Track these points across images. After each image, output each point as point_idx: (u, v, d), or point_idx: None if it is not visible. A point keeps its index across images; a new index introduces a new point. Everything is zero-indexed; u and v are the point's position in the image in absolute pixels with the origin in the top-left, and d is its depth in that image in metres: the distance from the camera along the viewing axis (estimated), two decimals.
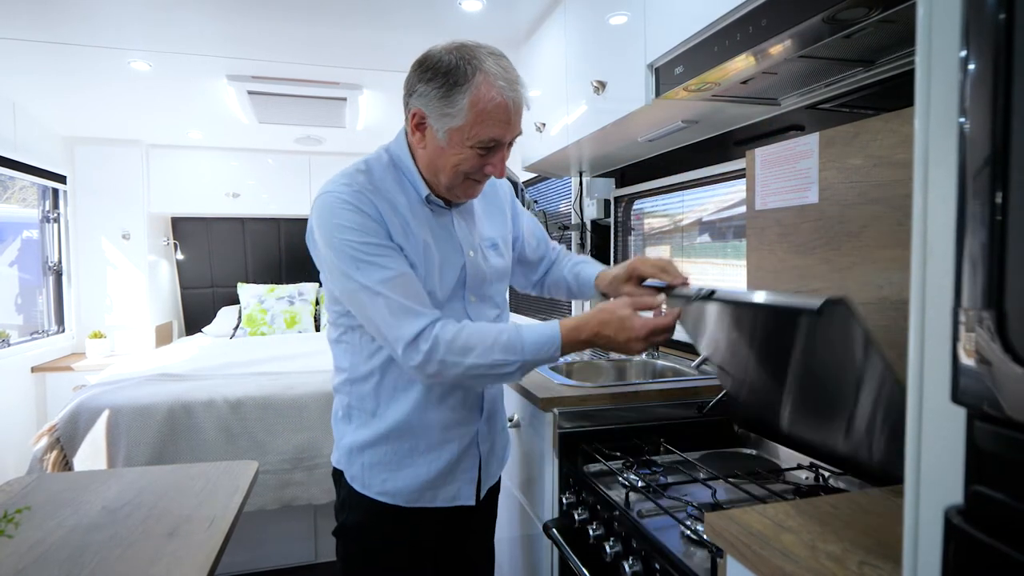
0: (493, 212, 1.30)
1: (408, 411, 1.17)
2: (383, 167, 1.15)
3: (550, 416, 1.46)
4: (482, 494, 1.27)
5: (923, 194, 0.48)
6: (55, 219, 3.59)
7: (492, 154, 1.09)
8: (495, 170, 1.10)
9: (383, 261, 1.05)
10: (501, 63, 1.08)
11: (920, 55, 0.49)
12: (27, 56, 2.55)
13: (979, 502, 0.45)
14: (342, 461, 1.25)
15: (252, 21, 2.28)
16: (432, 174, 1.13)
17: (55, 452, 2.20)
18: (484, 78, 1.04)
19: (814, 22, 1.03)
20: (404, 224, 1.11)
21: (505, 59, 1.10)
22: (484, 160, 1.09)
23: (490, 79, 1.04)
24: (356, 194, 1.07)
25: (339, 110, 3.13)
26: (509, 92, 1.05)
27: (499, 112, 1.05)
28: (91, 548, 1.05)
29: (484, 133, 1.05)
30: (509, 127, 1.07)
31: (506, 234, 1.31)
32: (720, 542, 0.78)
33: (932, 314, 0.48)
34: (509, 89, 1.05)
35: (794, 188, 1.44)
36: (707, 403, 1.55)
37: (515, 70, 1.10)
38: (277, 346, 3.41)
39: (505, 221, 1.32)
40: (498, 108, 1.04)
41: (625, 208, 2.72)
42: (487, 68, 1.05)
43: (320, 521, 2.62)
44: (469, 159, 1.08)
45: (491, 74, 1.04)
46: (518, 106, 1.07)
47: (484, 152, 1.08)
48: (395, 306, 1.03)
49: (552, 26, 2.19)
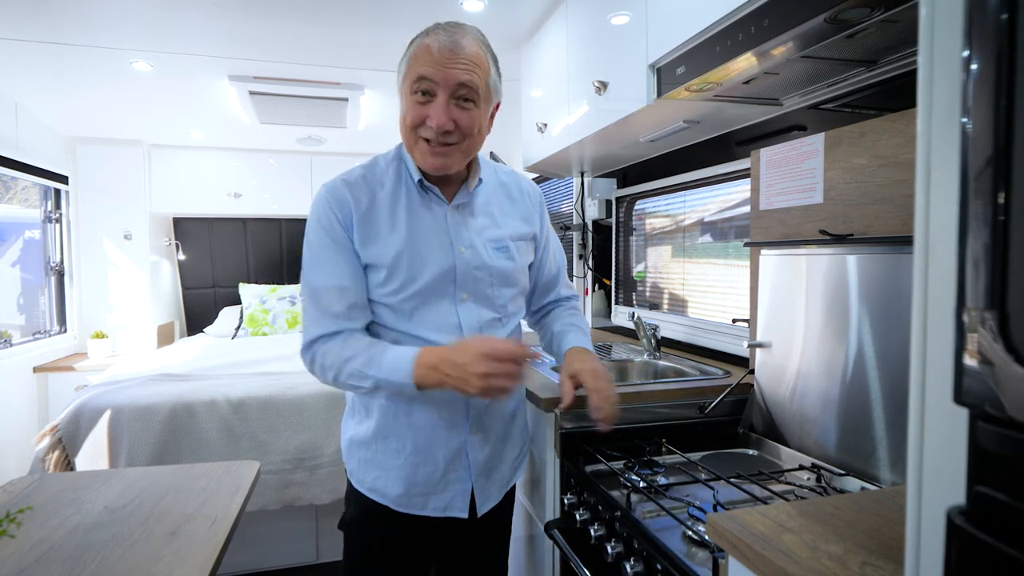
0: (513, 214, 1.26)
1: (397, 410, 1.18)
2: (388, 160, 1.21)
3: (551, 416, 1.45)
4: (480, 510, 1.24)
5: (925, 194, 0.48)
6: (57, 219, 3.59)
7: (432, 104, 1.09)
8: (433, 120, 1.08)
9: (327, 265, 1.13)
10: (457, 25, 1.11)
11: (922, 55, 0.48)
12: (29, 57, 2.55)
13: (981, 502, 0.45)
14: (344, 455, 1.28)
15: (253, 21, 2.29)
16: (405, 143, 1.17)
17: (57, 452, 2.20)
18: (427, 32, 1.10)
19: (816, 22, 1.03)
20: (391, 212, 1.15)
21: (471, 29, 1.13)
22: (424, 110, 1.09)
23: (431, 32, 1.10)
24: (340, 185, 1.15)
25: (340, 110, 3.13)
26: (440, 36, 1.08)
27: (423, 51, 1.08)
28: (93, 548, 1.05)
29: (413, 72, 1.09)
30: (437, 66, 1.07)
31: (523, 238, 1.26)
32: (722, 543, 0.78)
33: (934, 314, 0.48)
34: (444, 35, 1.08)
35: (799, 188, 1.44)
36: (709, 403, 1.55)
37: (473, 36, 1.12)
38: (279, 346, 3.42)
39: (526, 226, 1.28)
40: (423, 48, 1.09)
41: (627, 208, 2.72)
42: (436, 27, 1.10)
43: (322, 521, 2.62)
44: (411, 109, 1.11)
45: (435, 29, 1.10)
46: (449, 49, 1.07)
47: (423, 100, 1.09)
48: (311, 312, 1.15)
49: (553, 26, 2.19)
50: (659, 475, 1.28)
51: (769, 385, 1.47)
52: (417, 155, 1.14)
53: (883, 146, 1.22)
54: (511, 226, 1.25)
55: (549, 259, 1.37)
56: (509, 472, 1.31)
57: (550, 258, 1.37)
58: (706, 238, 2.20)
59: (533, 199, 1.31)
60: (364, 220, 1.14)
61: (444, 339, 1.14)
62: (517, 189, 1.29)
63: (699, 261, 2.23)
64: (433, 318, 1.15)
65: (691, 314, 2.26)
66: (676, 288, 2.37)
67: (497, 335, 1.21)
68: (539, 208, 1.32)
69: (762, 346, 1.50)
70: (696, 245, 2.25)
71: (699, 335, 2.07)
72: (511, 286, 1.23)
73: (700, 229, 2.22)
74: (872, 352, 1.19)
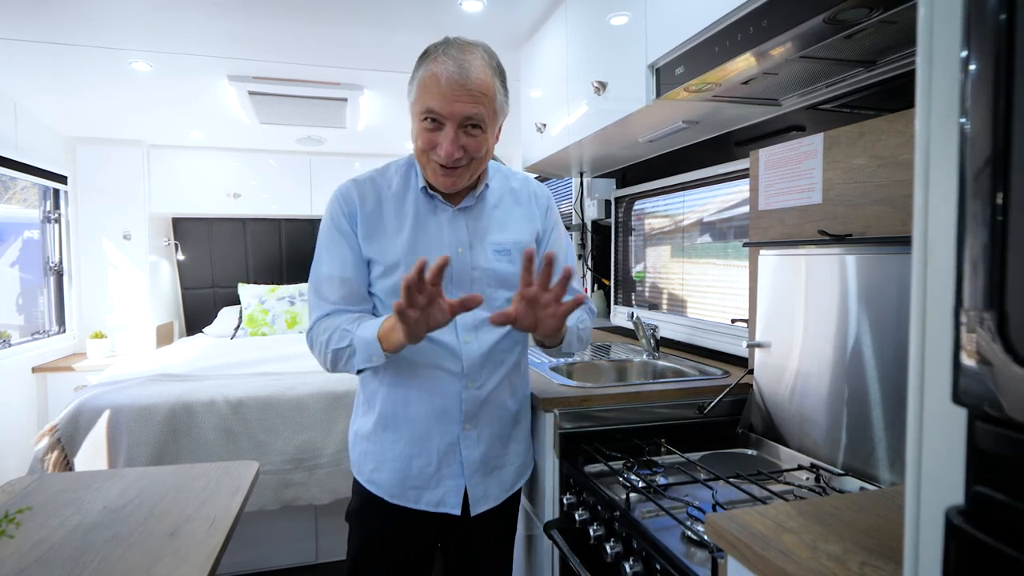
0: (520, 218, 1.28)
1: (397, 401, 1.23)
2: (399, 164, 1.27)
3: (551, 416, 1.45)
4: (474, 508, 1.25)
5: (924, 194, 0.48)
6: (56, 219, 3.59)
7: (440, 133, 1.11)
8: (442, 149, 1.11)
9: (332, 257, 1.22)
10: (468, 50, 1.11)
11: (921, 55, 0.48)
12: (28, 56, 2.55)
13: (980, 503, 0.45)
14: (350, 447, 1.33)
15: (253, 21, 2.28)
16: (418, 159, 1.21)
17: (56, 452, 2.20)
18: (436, 56, 1.10)
19: (815, 23, 1.03)
20: (397, 213, 1.22)
21: (480, 51, 1.13)
22: (433, 137, 1.12)
23: (440, 57, 1.09)
24: (350, 184, 1.24)
25: (340, 110, 3.13)
26: (451, 67, 1.08)
27: (432, 82, 1.09)
28: (92, 548, 1.05)
29: (421, 103, 1.11)
30: (445, 101, 1.08)
31: (526, 243, 1.27)
32: (721, 543, 0.78)
33: (933, 315, 0.48)
34: (454, 66, 1.08)
35: (798, 188, 1.44)
36: (708, 404, 1.55)
37: (483, 61, 1.11)
38: (278, 346, 3.41)
39: (531, 229, 1.29)
40: (432, 78, 1.09)
41: (626, 208, 2.72)
42: (448, 51, 1.10)
43: (321, 521, 2.62)
44: (421, 134, 1.13)
45: (444, 53, 1.10)
46: (457, 83, 1.08)
47: (431, 128, 1.12)
48: (313, 300, 1.24)
49: (553, 26, 2.19)
50: (658, 475, 1.28)
51: (768, 385, 1.47)
52: (428, 173, 1.19)
53: (882, 146, 1.22)
54: (516, 230, 1.27)
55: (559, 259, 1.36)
56: (512, 477, 1.32)
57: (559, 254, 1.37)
58: (705, 238, 2.20)
59: (540, 200, 1.34)
60: (369, 217, 1.21)
61: (439, 336, 1.19)
62: (526, 194, 1.32)
63: (698, 261, 2.23)
64: None
65: (690, 314, 2.26)
66: (675, 288, 2.37)
67: (493, 334, 1.25)
68: (545, 207, 1.34)
69: (761, 346, 1.50)
70: (695, 245, 2.25)
71: (698, 335, 2.08)
72: (509, 288, 1.25)
73: (699, 229, 2.22)
74: (871, 352, 1.19)
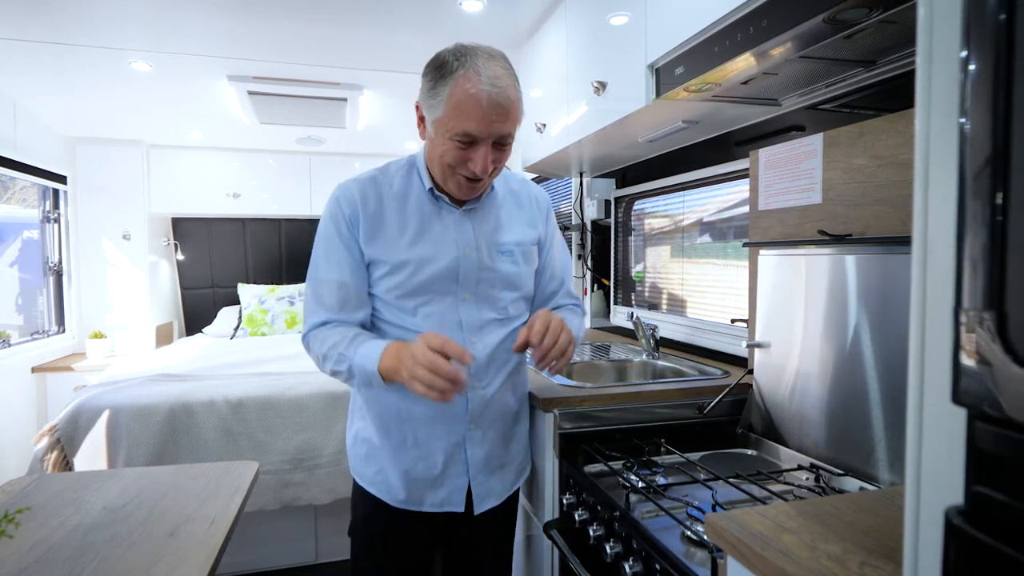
0: (520, 219, 1.30)
1: (401, 403, 1.21)
2: (399, 165, 1.25)
3: (550, 417, 1.45)
4: (477, 507, 1.26)
5: (923, 194, 0.48)
6: (55, 219, 3.59)
7: (473, 149, 1.10)
8: (476, 165, 1.10)
9: (330, 260, 1.19)
10: (493, 63, 1.08)
11: (921, 55, 0.48)
12: (28, 56, 2.55)
13: (980, 503, 0.45)
14: (349, 449, 1.33)
15: (253, 21, 2.28)
16: (431, 166, 1.18)
17: (55, 452, 2.20)
18: (466, 73, 1.06)
19: (815, 22, 1.03)
20: (400, 214, 1.20)
21: (501, 60, 1.10)
22: (465, 154, 1.10)
23: (471, 74, 1.06)
24: (351, 184, 1.21)
25: (340, 110, 3.13)
26: (486, 87, 1.05)
27: (471, 106, 1.05)
28: (92, 548, 1.05)
29: (458, 126, 1.07)
30: (484, 123, 1.06)
31: (528, 244, 1.29)
32: (721, 543, 0.78)
33: (933, 315, 0.48)
34: (488, 85, 1.05)
35: (798, 188, 1.44)
36: (707, 404, 1.55)
37: (508, 72, 1.10)
38: (278, 346, 3.41)
39: (531, 232, 1.31)
40: (471, 100, 1.05)
41: (626, 208, 2.72)
42: (474, 65, 1.06)
43: (321, 522, 2.62)
44: (450, 151, 1.11)
45: (475, 70, 1.06)
46: (496, 103, 1.06)
47: (464, 146, 1.09)
48: (309, 303, 1.22)
49: (553, 26, 2.19)
50: (658, 475, 1.28)
51: (768, 385, 1.47)
52: (452, 186, 1.17)
53: (881, 146, 1.22)
54: (518, 232, 1.28)
55: (553, 263, 1.38)
56: (513, 475, 1.33)
57: (554, 263, 1.38)
58: (705, 238, 2.20)
59: (541, 205, 1.35)
60: (371, 218, 1.19)
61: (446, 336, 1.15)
62: (527, 196, 1.33)
63: (698, 261, 2.23)
64: (436, 315, 1.19)
65: (690, 314, 2.26)
66: (675, 288, 2.37)
67: (498, 334, 1.25)
68: (545, 214, 1.35)
69: (761, 346, 1.50)
70: (695, 245, 2.25)
71: (698, 335, 2.07)
72: (514, 289, 1.26)
73: (699, 229, 2.22)
74: (871, 352, 1.19)
